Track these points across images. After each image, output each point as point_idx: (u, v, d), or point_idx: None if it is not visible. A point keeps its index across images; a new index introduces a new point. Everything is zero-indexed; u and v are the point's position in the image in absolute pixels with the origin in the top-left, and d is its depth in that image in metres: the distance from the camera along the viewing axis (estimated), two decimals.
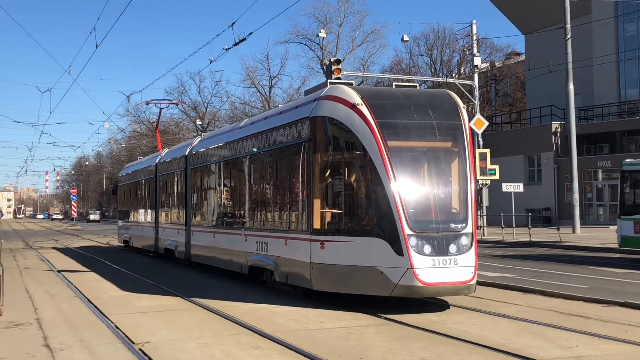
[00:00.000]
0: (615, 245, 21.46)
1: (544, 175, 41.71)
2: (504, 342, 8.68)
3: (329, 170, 11.92)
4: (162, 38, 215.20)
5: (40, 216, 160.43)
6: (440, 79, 43.82)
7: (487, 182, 30.92)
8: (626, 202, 20.72)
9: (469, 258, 10.88)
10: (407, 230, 10.59)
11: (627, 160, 21.74)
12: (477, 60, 34.59)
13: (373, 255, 10.92)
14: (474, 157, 11.49)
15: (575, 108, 32.58)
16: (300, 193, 12.60)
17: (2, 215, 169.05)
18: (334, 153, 11.98)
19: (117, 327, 10.19)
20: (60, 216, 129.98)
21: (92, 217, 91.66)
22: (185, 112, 73.38)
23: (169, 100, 44.28)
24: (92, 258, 24.96)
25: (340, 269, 11.42)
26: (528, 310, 11.16)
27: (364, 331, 9.62)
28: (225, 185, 17.68)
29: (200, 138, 21.80)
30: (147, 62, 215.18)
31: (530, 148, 42.62)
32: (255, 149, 15.05)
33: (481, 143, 32.32)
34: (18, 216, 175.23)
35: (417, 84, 14.98)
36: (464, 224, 11.06)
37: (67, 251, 29.56)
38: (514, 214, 31.04)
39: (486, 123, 32.11)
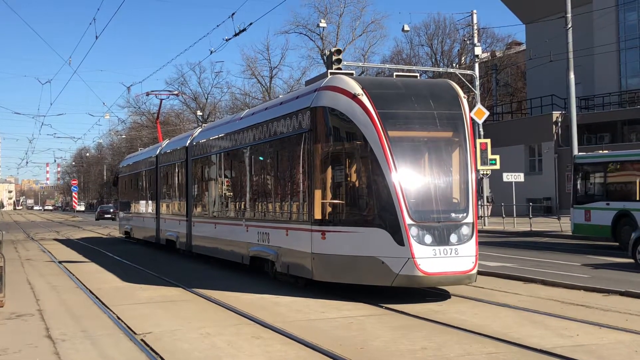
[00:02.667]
0: None
1: (545, 165, 41.65)
2: (505, 331, 8.71)
3: (329, 161, 11.90)
4: (162, 29, 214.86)
5: (37, 208, 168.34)
6: (440, 69, 43.63)
7: (488, 172, 30.93)
8: (578, 192, 21.50)
9: (470, 248, 10.90)
10: (408, 220, 10.60)
11: (579, 153, 22.42)
12: (477, 50, 34.48)
13: (374, 246, 10.93)
14: (475, 147, 11.50)
15: (576, 97, 32.34)
16: (301, 184, 12.59)
17: (3, 207, 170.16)
18: (335, 143, 11.96)
19: (118, 318, 10.22)
20: (50, 207, 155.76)
21: (78, 208, 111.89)
22: (185, 103, 73.30)
23: (170, 91, 44.18)
24: (93, 249, 25.00)
25: (342, 259, 11.43)
26: (529, 299, 11.19)
27: (365, 321, 9.65)
28: (226, 176, 17.67)
29: (200, 129, 21.78)
30: (147, 53, 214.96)
31: (531, 138, 42.53)
32: (255, 140, 15.04)
33: (482, 133, 32.27)
34: (17, 207, 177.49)
35: (418, 74, 14.97)
36: (465, 214, 11.06)
37: (68, 242, 29.61)
38: (514, 203, 31.04)
39: (487, 113, 32.04)
